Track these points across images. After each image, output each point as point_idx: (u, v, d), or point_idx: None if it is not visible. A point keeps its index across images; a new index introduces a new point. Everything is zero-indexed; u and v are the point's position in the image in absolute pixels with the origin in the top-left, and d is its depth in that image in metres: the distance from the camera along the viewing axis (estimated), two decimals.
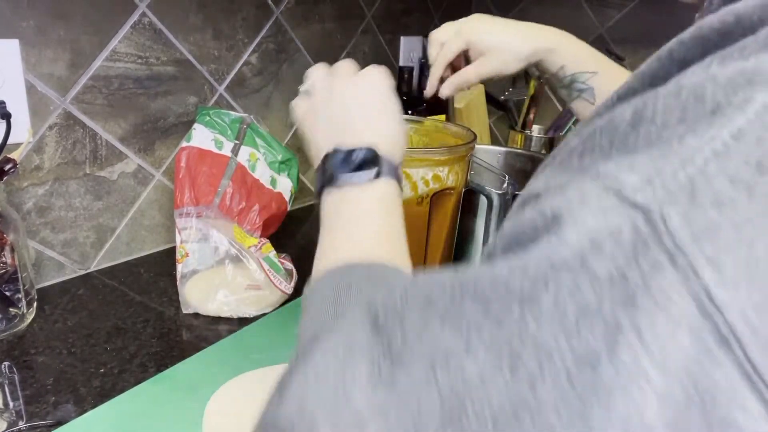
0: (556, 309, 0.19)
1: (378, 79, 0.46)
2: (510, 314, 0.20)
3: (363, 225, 0.41)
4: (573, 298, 0.19)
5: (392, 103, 0.46)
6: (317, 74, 0.49)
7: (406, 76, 1.19)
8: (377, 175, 0.41)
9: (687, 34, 0.24)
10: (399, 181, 0.44)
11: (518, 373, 0.19)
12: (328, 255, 0.42)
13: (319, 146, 0.45)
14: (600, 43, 1.19)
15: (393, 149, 0.44)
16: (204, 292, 0.72)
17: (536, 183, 0.24)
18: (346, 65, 0.48)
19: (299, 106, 0.49)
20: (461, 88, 0.66)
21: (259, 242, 0.78)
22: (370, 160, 0.41)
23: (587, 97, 0.66)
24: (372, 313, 0.25)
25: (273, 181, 0.88)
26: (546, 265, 0.20)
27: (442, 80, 0.67)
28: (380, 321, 0.24)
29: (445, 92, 0.67)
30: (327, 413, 0.23)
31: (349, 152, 0.42)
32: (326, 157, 0.43)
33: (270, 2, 0.98)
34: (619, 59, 1.18)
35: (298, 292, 0.77)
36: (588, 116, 0.31)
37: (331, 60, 0.51)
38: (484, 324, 0.20)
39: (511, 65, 0.64)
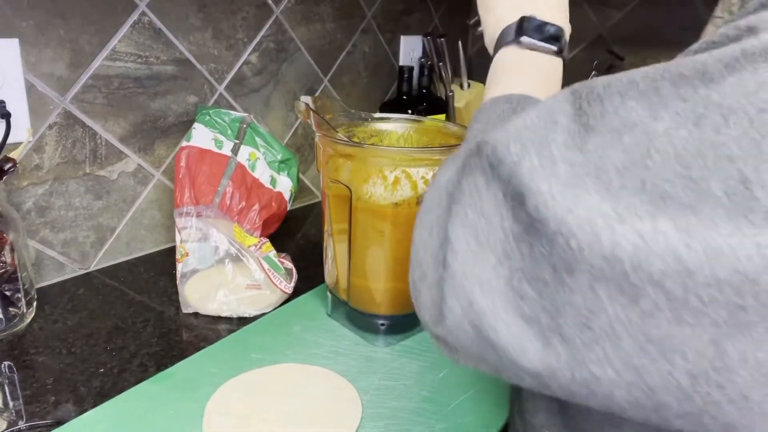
0: (739, 83, 0.23)
1: None
2: (695, 92, 0.24)
3: (538, 78, 0.46)
4: (755, 75, 0.23)
5: None
6: None
7: (406, 75, 1.19)
8: (559, 52, 0.47)
9: None
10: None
11: (702, 124, 0.24)
12: (502, 89, 0.46)
13: (508, 8, 0.49)
14: (600, 43, 1.19)
15: (566, 37, 0.49)
16: (204, 291, 0.72)
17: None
18: None
19: None
20: None
21: (259, 242, 0.78)
22: (557, 38, 0.47)
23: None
24: (575, 95, 0.29)
25: (273, 181, 0.88)
26: (738, 53, 0.24)
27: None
28: (583, 104, 0.28)
29: None
30: (534, 147, 0.28)
31: (544, 23, 0.47)
32: (523, 19, 0.47)
33: (270, 2, 0.98)
34: (619, 59, 1.18)
35: (297, 291, 0.77)
36: None
37: (331, 60, 0.51)
38: (671, 100, 0.25)
39: None
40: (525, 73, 0.47)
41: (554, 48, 0.47)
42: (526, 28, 0.47)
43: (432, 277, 0.31)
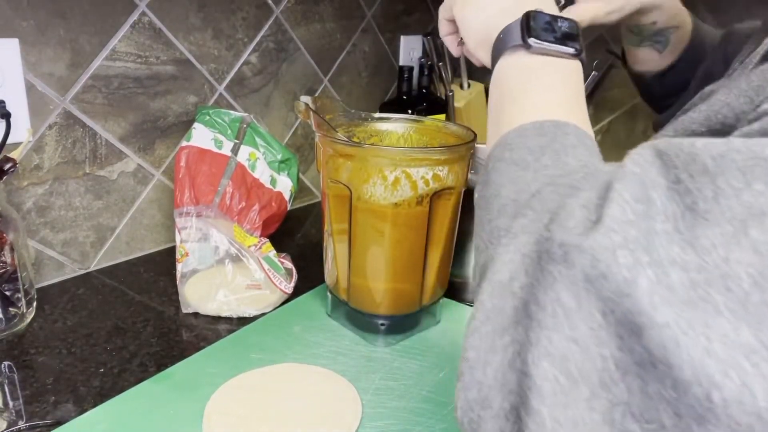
0: None
1: None
2: None
3: (558, 91, 0.38)
4: None
5: None
6: None
7: (406, 75, 1.19)
8: (578, 53, 0.39)
9: None
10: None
11: None
12: (522, 114, 0.37)
13: (502, 2, 0.43)
14: (600, 43, 1.19)
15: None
16: (204, 291, 0.72)
17: None
18: None
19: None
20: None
21: (259, 242, 0.78)
22: (573, 36, 0.39)
23: (659, 47, 0.64)
24: (665, 160, 0.23)
25: (273, 181, 0.88)
26: None
27: None
28: (681, 175, 0.23)
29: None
30: (644, 252, 0.22)
31: (555, 19, 0.39)
32: (528, 16, 0.39)
33: (270, 1, 0.98)
34: (619, 59, 1.18)
35: (297, 291, 0.77)
36: None
37: (331, 60, 0.51)
38: None
39: (614, 12, 0.58)
40: (544, 88, 0.38)
41: (571, 50, 0.39)
42: (533, 27, 0.39)
43: (500, 408, 0.25)
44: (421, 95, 1.25)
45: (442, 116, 1.22)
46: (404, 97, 1.21)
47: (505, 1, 0.43)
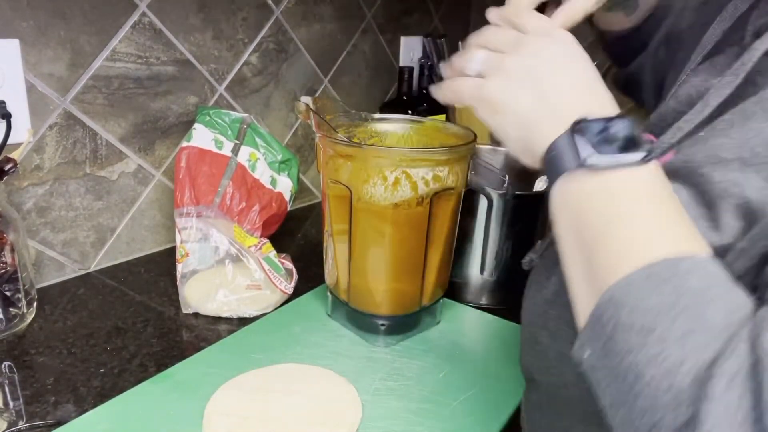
0: None
1: (572, 40, 0.39)
2: None
3: (648, 216, 0.32)
4: None
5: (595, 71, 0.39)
6: (488, 55, 0.40)
7: (406, 76, 1.19)
8: (648, 157, 0.32)
9: None
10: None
11: None
12: (615, 261, 0.31)
13: (531, 114, 0.36)
14: (600, 43, 1.19)
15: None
16: (204, 292, 0.72)
17: None
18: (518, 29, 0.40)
19: (475, 86, 0.39)
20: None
21: (259, 242, 0.78)
22: (633, 137, 0.33)
23: (628, 11, 0.63)
24: None
25: (273, 181, 0.88)
26: None
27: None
28: None
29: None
30: None
31: (607, 122, 0.33)
32: (576, 128, 0.33)
33: (270, 2, 0.98)
34: None
35: (297, 291, 0.77)
36: None
37: (332, 60, 0.51)
38: None
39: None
40: (631, 216, 0.32)
41: (640, 156, 0.32)
42: (587, 141, 0.33)
43: None
44: (421, 96, 1.25)
45: (443, 117, 1.22)
46: (404, 98, 1.21)
47: (537, 99, 0.36)
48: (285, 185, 0.90)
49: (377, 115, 0.74)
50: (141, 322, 0.70)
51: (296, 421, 0.53)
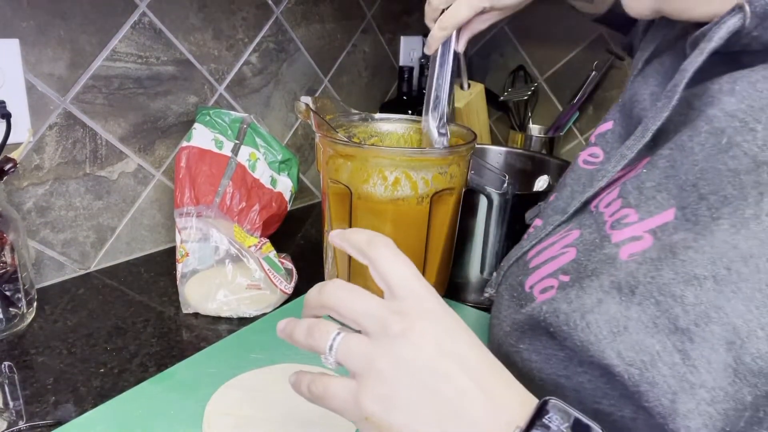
0: None
1: (447, 312, 0.34)
2: None
3: None
4: None
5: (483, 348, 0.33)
6: (350, 344, 0.33)
7: (406, 76, 1.19)
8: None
9: None
10: None
11: None
12: None
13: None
14: (600, 43, 1.19)
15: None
16: (204, 292, 0.72)
17: None
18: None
19: (348, 395, 0.33)
20: (474, 34, 0.63)
21: (259, 242, 0.78)
22: (574, 425, 0.29)
23: None
24: None
25: (273, 181, 0.88)
26: None
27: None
28: None
29: (461, 46, 0.63)
30: None
31: (539, 422, 0.29)
32: None
33: (270, 2, 0.98)
34: (619, 59, 1.18)
35: (298, 291, 0.77)
36: None
37: (331, 60, 0.50)
38: None
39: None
40: None
41: None
42: None
43: None
44: (421, 95, 1.25)
45: None
46: (404, 98, 1.21)
47: (438, 419, 0.29)
48: (285, 185, 0.90)
49: (377, 115, 0.74)
50: (141, 322, 0.70)
51: (296, 421, 0.53)
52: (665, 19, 0.44)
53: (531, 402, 0.30)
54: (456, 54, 0.64)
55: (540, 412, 0.29)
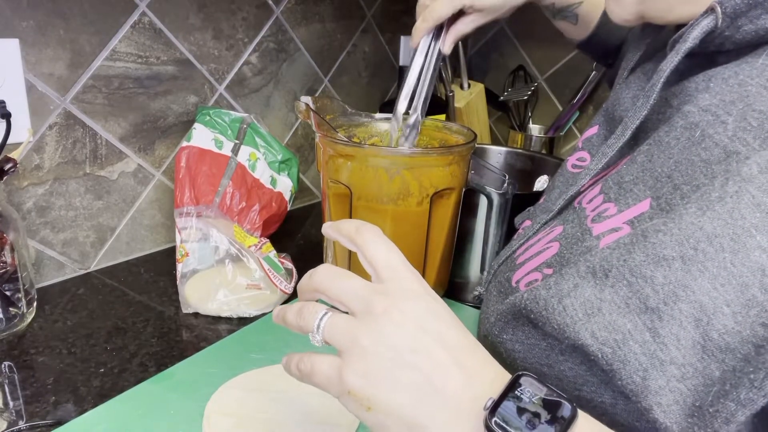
0: None
1: (427, 292, 0.35)
2: None
3: None
4: None
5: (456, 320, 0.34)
6: (335, 323, 0.35)
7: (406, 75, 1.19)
8: (575, 414, 0.29)
9: None
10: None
11: None
12: None
13: (433, 416, 0.30)
14: None
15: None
16: (204, 291, 0.72)
17: None
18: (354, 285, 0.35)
19: (331, 371, 0.34)
20: (459, 37, 0.64)
21: (259, 242, 0.78)
22: (547, 396, 0.29)
23: (572, 20, 0.70)
24: None
25: (273, 181, 0.88)
26: None
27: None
28: None
29: (447, 48, 0.64)
30: None
31: (515, 393, 0.29)
32: (493, 425, 0.28)
33: (270, 2, 0.98)
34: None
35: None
36: None
37: (332, 60, 0.51)
38: None
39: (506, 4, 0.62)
40: None
41: (569, 410, 0.29)
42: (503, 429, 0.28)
43: None
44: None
45: (443, 116, 1.22)
46: None
47: (417, 390, 0.30)
48: (285, 185, 0.90)
49: (377, 115, 0.74)
50: (141, 322, 0.70)
51: (295, 421, 0.53)
52: (648, 29, 0.45)
53: (505, 377, 0.31)
54: (441, 55, 0.64)
55: (513, 385, 0.30)
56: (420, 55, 0.64)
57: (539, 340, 0.36)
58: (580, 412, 0.29)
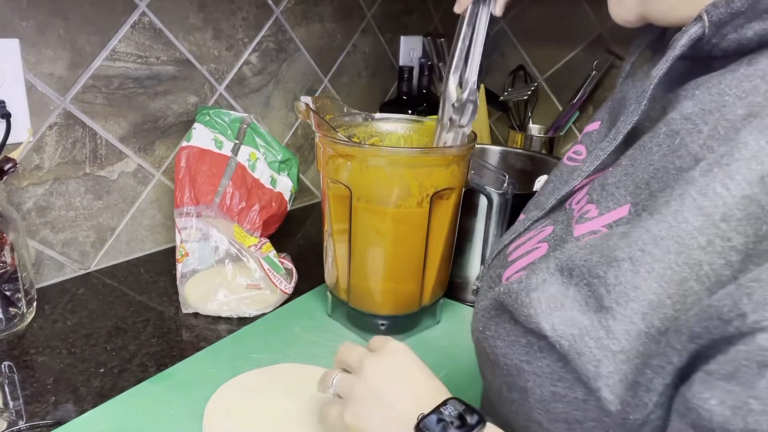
0: None
1: (403, 350, 0.46)
2: None
3: None
4: None
5: (423, 367, 0.45)
6: (341, 380, 0.46)
7: (406, 75, 1.19)
8: (480, 422, 0.38)
9: None
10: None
11: None
12: None
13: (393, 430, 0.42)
14: (600, 43, 1.19)
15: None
16: (204, 291, 0.72)
17: None
18: (358, 351, 0.47)
19: (337, 414, 0.45)
20: None
21: (259, 242, 0.78)
22: (463, 410, 0.39)
23: None
24: None
25: (273, 181, 0.88)
26: None
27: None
28: None
29: (499, 9, 0.60)
30: None
31: (439, 410, 0.39)
32: (420, 428, 0.39)
33: (270, 2, 0.98)
34: (619, 59, 1.18)
35: (297, 291, 0.77)
36: None
37: (331, 60, 0.51)
38: None
39: None
40: None
41: (475, 420, 0.39)
42: None
43: None
44: (421, 95, 1.25)
45: None
46: (404, 98, 1.21)
47: (385, 415, 0.42)
48: (285, 185, 0.90)
49: (377, 115, 0.74)
50: (141, 322, 0.70)
51: (296, 421, 0.53)
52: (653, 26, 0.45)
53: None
54: (493, 18, 0.61)
55: (440, 405, 0.39)
56: (467, 24, 0.61)
57: (519, 337, 0.39)
58: (488, 423, 0.38)
